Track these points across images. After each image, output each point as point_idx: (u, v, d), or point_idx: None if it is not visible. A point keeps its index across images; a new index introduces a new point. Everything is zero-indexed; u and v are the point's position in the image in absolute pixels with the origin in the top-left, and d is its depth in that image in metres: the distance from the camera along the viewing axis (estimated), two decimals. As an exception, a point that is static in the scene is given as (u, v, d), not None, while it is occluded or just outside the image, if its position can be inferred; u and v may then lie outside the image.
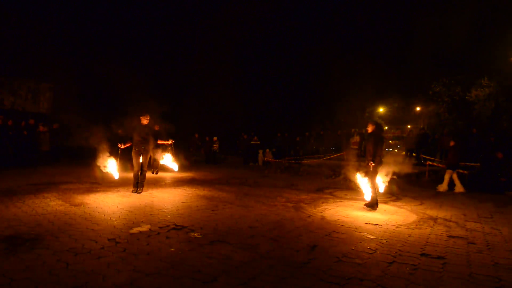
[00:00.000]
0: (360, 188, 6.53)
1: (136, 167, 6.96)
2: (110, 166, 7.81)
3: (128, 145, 6.96)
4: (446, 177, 9.22)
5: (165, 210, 5.37)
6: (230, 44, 24.65)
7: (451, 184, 9.19)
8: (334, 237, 4.18)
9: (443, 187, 9.21)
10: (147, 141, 7.00)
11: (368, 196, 6.31)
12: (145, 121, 6.97)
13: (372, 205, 6.09)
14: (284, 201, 6.74)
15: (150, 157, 7.96)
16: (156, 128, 9.93)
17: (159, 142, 7.54)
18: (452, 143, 9.44)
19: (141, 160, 6.97)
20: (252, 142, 17.62)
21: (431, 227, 4.96)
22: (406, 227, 4.87)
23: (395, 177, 6.52)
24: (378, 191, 6.29)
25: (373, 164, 5.98)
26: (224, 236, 4.02)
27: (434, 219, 5.52)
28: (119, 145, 6.97)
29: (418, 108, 24.92)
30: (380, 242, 4.04)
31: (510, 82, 17.85)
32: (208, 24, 25.10)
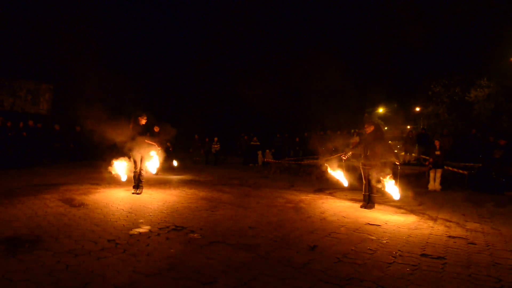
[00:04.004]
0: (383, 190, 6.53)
1: (135, 168, 6.95)
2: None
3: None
4: (438, 176, 9.41)
5: (165, 211, 5.37)
6: (230, 43, 24.64)
7: (426, 181, 9.66)
8: (334, 238, 4.18)
9: (435, 186, 9.34)
10: (146, 141, 7.00)
11: (396, 196, 6.36)
12: (143, 121, 6.97)
13: (372, 205, 6.15)
14: (284, 201, 6.74)
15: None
16: (156, 129, 9.92)
17: (147, 141, 7.21)
18: (437, 143, 9.72)
19: (140, 160, 6.96)
20: (251, 143, 17.62)
21: (431, 227, 4.96)
22: (406, 227, 4.87)
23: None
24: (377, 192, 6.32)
25: (398, 164, 6.05)
26: (224, 237, 4.02)
27: (434, 220, 5.52)
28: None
29: (417, 109, 24.96)
30: (380, 242, 4.04)
31: (509, 83, 17.87)
32: (206, 24, 25.11)
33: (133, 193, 6.84)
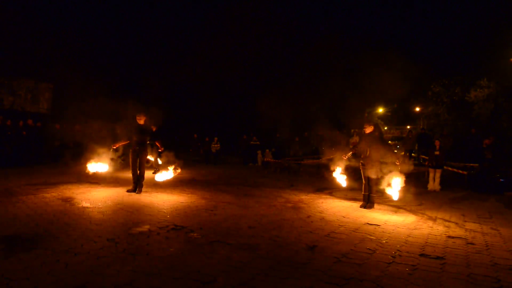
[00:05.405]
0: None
1: (134, 167, 6.95)
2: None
3: (120, 144, 7.08)
4: (438, 176, 9.43)
5: (165, 211, 5.37)
6: (230, 43, 24.64)
7: (426, 181, 9.74)
8: (333, 238, 4.18)
9: (435, 186, 9.36)
10: (144, 141, 7.01)
11: (396, 196, 6.34)
12: (140, 121, 6.97)
13: (372, 204, 6.15)
14: (283, 201, 6.74)
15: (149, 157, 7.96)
16: (154, 129, 9.93)
17: (157, 144, 7.51)
18: (437, 143, 9.71)
19: (138, 160, 6.96)
20: (251, 143, 17.61)
21: (430, 227, 4.97)
22: (405, 227, 4.88)
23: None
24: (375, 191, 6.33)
25: (398, 164, 6.05)
26: (223, 237, 4.02)
27: (433, 220, 5.53)
28: (112, 146, 7.08)
29: (417, 109, 24.96)
30: (380, 242, 4.05)
31: (509, 83, 17.89)
32: (207, 23, 25.08)
33: (132, 192, 6.84)
